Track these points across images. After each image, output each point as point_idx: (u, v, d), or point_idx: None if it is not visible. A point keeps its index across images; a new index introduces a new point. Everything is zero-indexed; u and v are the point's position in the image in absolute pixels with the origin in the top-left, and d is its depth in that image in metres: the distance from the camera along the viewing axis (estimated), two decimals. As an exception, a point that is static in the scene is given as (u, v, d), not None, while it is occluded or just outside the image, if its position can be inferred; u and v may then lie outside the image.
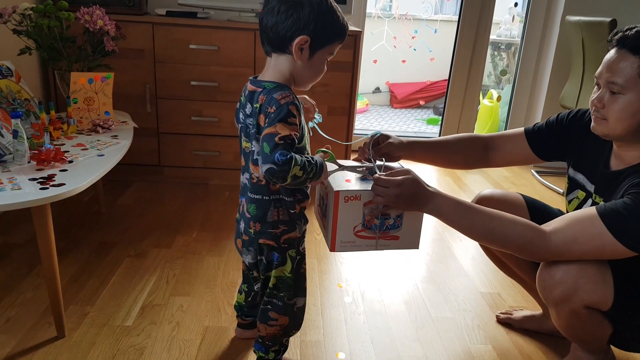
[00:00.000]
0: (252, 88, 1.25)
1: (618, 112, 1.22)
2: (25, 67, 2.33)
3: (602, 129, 1.28)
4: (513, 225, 1.26)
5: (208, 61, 2.67)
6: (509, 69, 4.58)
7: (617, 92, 1.21)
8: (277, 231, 1.30)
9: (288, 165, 1.14)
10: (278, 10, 1.17)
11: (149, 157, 2.81)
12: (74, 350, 1.51)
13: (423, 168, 3.43)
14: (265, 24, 1.21)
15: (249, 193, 1.31)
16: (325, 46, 1.23)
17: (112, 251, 2.08)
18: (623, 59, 1.19)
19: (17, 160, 1.59)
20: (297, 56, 1.20)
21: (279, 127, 1.15)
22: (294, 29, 1.18)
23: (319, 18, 1.18)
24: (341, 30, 1.24)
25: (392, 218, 1.33)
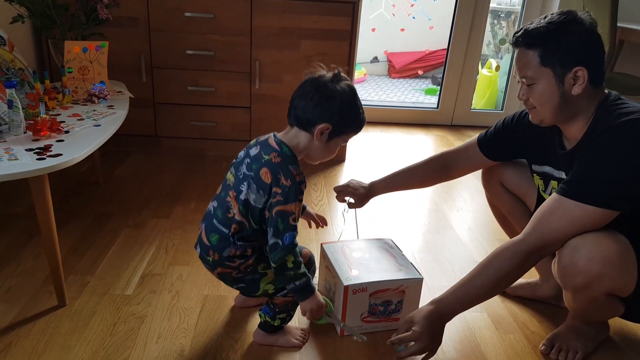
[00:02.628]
0: (272, 143, 1.34)
1: (539, 99, 1.33)
2: (18, 35, 2.29)
3: (535, 116, 1.39)
4: (497, 258, 1.33)
5: (204, 29, 2.63)
6: (508, 38, 4.53)
7: (532, 84, 1.33)
8: (234, 264, 1.36)
9: (290, 251, 1.28)
10: (311, 98, 1.29)
11: (146, 127, 2.80)
12: (75, 318, 1.53)
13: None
14: (296, 104, 1.33)
15: (216, 222, 1.37)
16: (343, 135, 1.36)
17: (111, 221, 2.09)
18: (524, 55, 1.32)
19: (12, 130, 1.58)
20: (317, 138, 1.32)
21: (294, 206, 1.28)
22: (320, 117, 1.30)
23: (344, 112, 1.31)
24: (360, 124, 1.37)
25: (394, 303, 1.53)
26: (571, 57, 1.27)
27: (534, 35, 1.29)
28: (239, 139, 2.86)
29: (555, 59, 1.28)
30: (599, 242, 1.26)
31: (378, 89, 5.23)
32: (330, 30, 2.68)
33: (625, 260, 1.27)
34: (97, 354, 1.40)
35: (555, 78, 1.29)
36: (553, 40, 1.28)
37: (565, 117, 1.35)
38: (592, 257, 1.25)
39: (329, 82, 1.30)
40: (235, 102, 2.79)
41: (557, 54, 1.27)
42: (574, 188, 1.27)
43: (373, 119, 3.70)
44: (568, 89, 1.30)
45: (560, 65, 1.28)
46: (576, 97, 1.30)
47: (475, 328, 1.60)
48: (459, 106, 3.71)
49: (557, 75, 1.29)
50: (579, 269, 1.27)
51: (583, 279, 1.28)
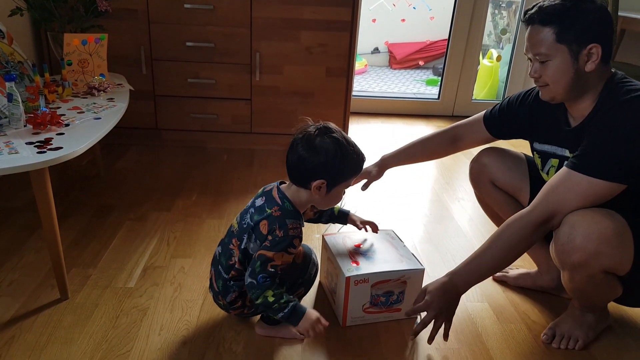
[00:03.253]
0: (275, 196, 1.38)
1: (552, 75, 1.35)
2: (17, 28, 2.28)
3: (547, 93, 1.40)
4: (506, 231, 1.36)
5: (203, 21, 2.62)
6: (509, 28, 4.50)
7: (545, 61, 1.35)
8: (238, 305, 1.43)
9: (264, 287, 1.31)
10: (299, 157, 1.32)
11: (146, 120, 2.79)
12: (78, 311, 1.53)
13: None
14: (289, 164, 1.36)
15: (220, 268, 1.43)
16: (341, 183, 1.37)
17: (112, 214, 2.09)
18: (538, 32, 1.33)
19: (13, 124, 1.58)
20: (316, 193, 1.35)
21: (277, 255, 1.31)
22: (312, 174, 1.33)
23: (334, 165, 1.32)
24: (355, 170, 1.39)
25: (395, 294, 1.54)
26: (586, 34, 1.29)
27: (549, 12, 1.31)
28: (239, 131, 2.85)
29: (571, 36, 1.30)
30: (596, 220, 1.27)
31: (379, 79, 5.21)
32: (330, 21, 2.66)
33: (621, 237, 1.28)
34: (100, 346, 1.40)
35: (570, 55, 1.31)
36: (569, 18, 1.29)
37: (577, 93, 1.36)
38: (589, 234, 1.26)
39: (314, 137, 1.32)
40: (236, 94, 2.78)
41: (573, 31, 1.29)
42: (582, 162, 1.30)
43: (374, 110, 3.69)
44: (582, 66, 1.32)
45: (575, 42, 1.30)
46: (588, 73, 1.33)
47: (476, 318, 1.61)
48: (460, 97, 3.69)
49: (572, 52, 1.31)
50: (576, 246, 1.28)
51: (580, 256, 1.28)
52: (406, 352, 1.46)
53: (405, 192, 2.48)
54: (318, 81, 2.77)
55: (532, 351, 1.48)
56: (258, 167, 2.65)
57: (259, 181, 2.48)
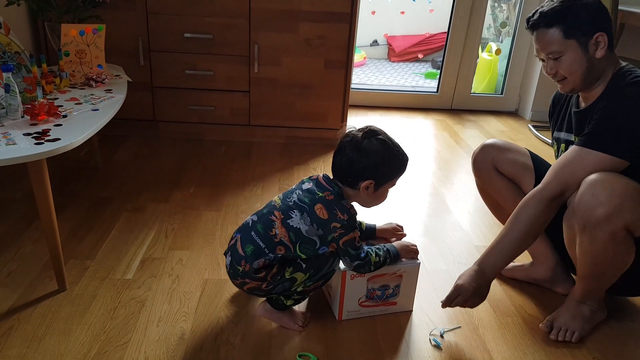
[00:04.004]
0: (322, 181, 1.43)
1: (568, 68, 1.46)
2: (14, 18, 2.26)
3: (567, 86, 1.51)
4: (522, 210, 1.46)
5: (202, 12, 2.61)
6: (509, 21, 4.49)
7: (559, 57, 1.46)
8: (261, 275, 1.40)
9: (368, 257, 1.43)
10: (349, 158, 1.39)
11: (144, 111, 2.78)
12: (76, 302, 1.54)
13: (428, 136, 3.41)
14: (337, 165, 1.42)
15: (254, 234, 1.41)
16: (389, 182, 1.44)
17: (110, 206, 2.09)
18: (545, 34, 1.46)
19: (10, 115, 1.57)
20: (364, 193, 1.42)
21: (355, 233, 1.40)
22: (361, 175, 1.39)
23: (382, 165, 1.39)
24: (402, 168, 1.45)
25: (391, 288, 1.54)
26: (590, 25, 1.43)
27: (551, 15, 1.44)
28: (237, 124, 2.85)
29: (577, 29, 1.42)
30: (616, 179, 1.35)
31: (378, 72, 5.20)
32: (329, 13, 2.65)
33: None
34: (98, 337, 1.41)
35: (580, 46, 1.44)
36: (571, 15, 1.42)
37: (592, 81, 1.48)
38: (613, 189, 1.33)
39: (361, 140, 1.39)
40: (234, 86, 2.77)
41: (578, 25, 1.42)
42: (591, 138, 1.41)
43: (372, 103, 3.69)
44: (592, 54, 1.44)
45: (582, 34, 1.43)
46: (599, 60, 1.45)
47: (473, 311, 1.62)
48: (459, 90, 3.69)
49: (581, 44, 1.43)
50: (600, 201, 1.33)
51: (605, 210, 1.32)
52: (402, 344, 1.47)
53: (404, 186, 2.49)
54: (317, 73, 2.76)
55: (528, 343, 1.50)
56: (256, 160, 2.65)
57: (257, 173, 2.48)
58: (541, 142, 3.19)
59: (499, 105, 3.78)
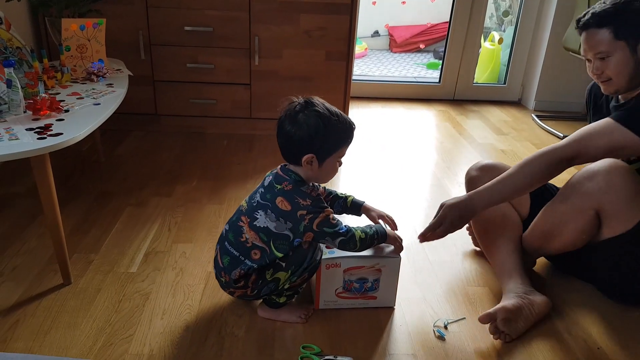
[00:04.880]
0: (280, 172, 1.41)
1: (615, 69, 1.50)
2: (14, 14, 2.26)
3: (611, 87, 1.55)
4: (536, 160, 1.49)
5: (202, 5, 2.60)
6: (511, 10, 4.46)
7: (606, 57, 1.50)
8: (241, 284, 1.42)
9: (352, 231, 1.39)
10: (285, 134, 1.36)
11: (145, 105, 2.78)
12: (81, 296, 1.55)
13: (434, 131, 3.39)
14: (279, 142, 1.39)
15: (227, 244, 1.43)
16: (332, 154, 1.38)
17: (113, 200, 2.10)
18: (595, 34, 1.50)
19: (12, 110, 1.57)
20: (307, 169, 1.37)
21: (327, 211, 1.37)
22: (300, 149, 1.35)
23: (319, 137, 1.33)
24: (345, 139, 1.39)
25: (370, 281, 1.52)
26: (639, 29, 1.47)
27: (603, 16, 1.48)
28: (239, 116, 2.85)
29: (627, 32, 1.46)
30: (629, 174, 1.46)
31: (379, 63, 5.18)
32: (330, 4, 2.64)
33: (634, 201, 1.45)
34: (103, 330, 1.42)
35: (629, 48, 1.47)
36: (623, 17, 1.46)
37: (636, 83, 1.52)
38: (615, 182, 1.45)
39: (297, 113, 1.35)
40: (235, 79, 2.76)
41: (629, 28, 1.46)
42: (623, 114, 1.46)
43: (374, 95, 3.68)
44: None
45: (632, 36, 1.46)
46: None
47: (477, 301, 1.62)
48: (461, 80, 3.68)
49: (630, 45, 1.47)
50: (595, 175, 1.47)
51: (594, 185, 1.46)
52: (405, 336, 1.47)
53: (406, 177, 2.48)
54: (318, 65, 2.75)
55: (533, 334, 1.50)
56: (257, 152, 2.65)
57: (258, 166, 2.48)
58: (545, 132, 3.18)
59: (502, 95, 3.77)
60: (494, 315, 1.46)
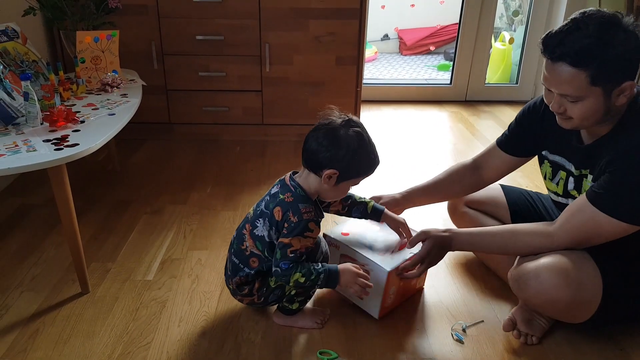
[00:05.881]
0: (288, 182, 1.40)
1: (582, 114, 1.27)
2: (30, 28, 2.30)
3: (571, 124, 1.33)
4: (523, 238, 1.40)
5: (212, 14, 2.62)
6: (521, 9, 4.43)
7: (575, 101, 1.26)
8: (245, 292, 1.44)
9: (289, 272, 1.33)
10: (320, 143, 1.32)
11: (159, 114, 2.81)
12: (99, 304, 1.56)
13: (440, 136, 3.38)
14: (307, 147, 1.36)
15: (232, 252, 1.45)
16: (351, 179, 1.37)
17: (129, 209, 2.12)
18: (567, 73, 1.22)
19: (29, 122, 1.60)
20: (325, 182, 1.35)
21: (294, 240, 1.33)
22: (327, 162, 1.32)
23: (350, 159, 1.32)
24: (368, 170, 1.38)
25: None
26: (622, 73, 1.22)
27: (582, 54, 1.19)
28: (251, 123, 2.86)
29: (606, 77, 1.21)
30: (560, 282, 1.30)
31: (389, 66, 5.18)
32: (339, 9, 2.65)
33: (575, 305, 1.33)
34: (121, 338, 1.43)
35: (603, 94, 1.23)
36: (605, 59, 1.19)
37: (602, 122, 1.31)
38: (542, 291, 1.32)
39: (339, 128, 1.33)
40: (247, 86, 2.78)
41: (609, 73, 1.21)
42: (604, 199, 1.28)
43: (385, 98, 3.67)
44: (614, 101, 1.25)
45: (610, 82, 1.22)
46: (617, 106, 1.27)
47: (494, 304, 1.60)
48: (473, 81, 3.66)
49: (605, 91, 1.23)
50: (529, 291, 1.35)
51: (533, 301, 1.38)
52: (423, 339, 1.47)
53: (419, 179, 2.47)
54: (328, 70, 2.76)
55: (553, 338, 1.48)
56: (270, 158, 2.66)
57: (271, 172, 2.49)
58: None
59: (514, 94, 3.74)
60: (514, 319, 1.46)
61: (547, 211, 1.68)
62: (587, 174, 1.39)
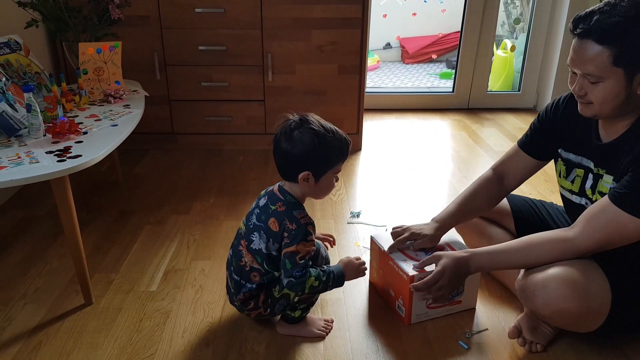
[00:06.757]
0: (276, 192, 1.40)
1: (602, 97, 1.25)
2: (33, 40, 2.32)
3: (590, 111, 1.31)
4: (543, 247, 1.36)
5: (215, 24, 2.64)
6: (523, 17, 4.44)
7: (597, 82, 1.24)
8: (251, 306, 1.44)
9: (304, 278, 1.34)
10: (281, 152, 1.34)
11: (162, 125, 2.82)
12: (102, 316, 1.56)
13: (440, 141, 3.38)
14: (275, 160, 1.38)
15: (232, 270, 1.45)
16: (328, 171, 1.36)
17: (132, 219, 2.12)
18: (591, 49, 1.21)
19: (32, 134, 1.61)
20: (304, 186, 1.36)
21: (300, 247, 1.33)
22: (296, 166, 1.33)
23: (313, 155, 1.32)
24: (340, 156, 1.36)
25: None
26: None
27: (609, 31, 1.18)
28: (254, 132, 2.87)
29: (630, 59, 1.19)
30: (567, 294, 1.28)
31: (392, 75, 5.19)
32: (340, 19, 2.66)
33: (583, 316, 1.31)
34: (125, 350, 1.42)
35: (625, 78, 1.21)
36: (630, 39, 1.17)
37: (621, 113, 1.29)
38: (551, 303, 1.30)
39: (292, 130, 1.33)
40: (249, 96, 2.79)
41: (633, 54, 1.19)
42: (628, 199, 1.24)
43: (388, 106, 3.68)
44: (635, 88, 1.22)
45: (633, 65, 1.20)
46: (638, 96, 1.24)
47: (499, 311, 1.59)
48: (475, 89, 3.66)
49: (628, 75, 1.21)
50: (537, 303, 1.33)
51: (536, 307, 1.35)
52: (427, 347, 1.45)
53: (423, 188, 2.47)
54: (331, 79, 2.77)
55: (557, 345, 1.47)
56: (273, 168, 2.63)
57: (274, 181, 2.45)
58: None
59: (517, 102, 3.74)
60: (519, 327, 1.44)
61: (552, 218, 1.67)
62: (604, 174, 1.37)
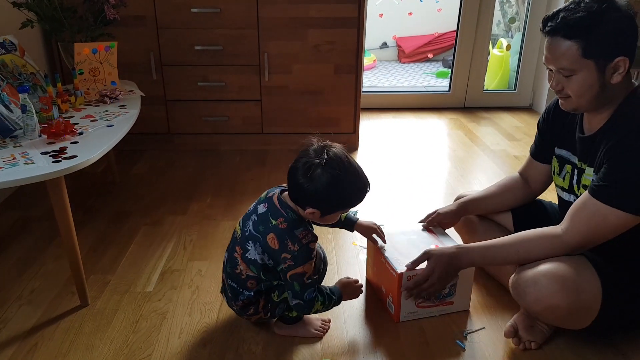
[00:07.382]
0: (277, 205, 1.35)
1: (577, 89, 1.31)
2: (28, 40, 2.31)
3: (570, 105, 1.37)
4: (533, 243, 1.38)
5: (211, 24, 2.63)
6: (518, 16, 4.45)
7: (570, 75, 1.30)
8: (250, 312, 1.42)
9: (313, 302, 1.36)
10: (297, 181, 1.29)
11: (158, 125, 2.81)
12: (98, 317, 1.55)
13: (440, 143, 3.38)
14: (289, 181, 1.32)
15: (227, 275, 1.44)
16: (334, 212, 1.35)
17: (129, 220, 2.11)
18: (560, 45, 1.28)
19: (27, 134, 1.60)
20: (310, 217, 1.33)
21: (306, 267, 1.32)
22: (306, 201, 1.30)
23: (328, 199, 1.29)
24: (354, 201, 1.33)
25: (447, 287, 1.53)
26: (614, 48, 1.25)
27: (574, 26, 1.24)
28: (251, 132, 2.86)
29: (598, 50, 1.25)
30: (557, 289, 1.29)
31: (388, 74, 5.19)
32: (337, 18, 2.66)
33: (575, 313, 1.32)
34: (121, 351, 1.42)
35: (596, 69, 1.26)
36: (596, 32, 1.23)
37: (600, 104, 1.33)
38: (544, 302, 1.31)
39: (315, 167, 1.26)
40: (246, 96, 2.78)
41: (600, 45, 1.24)
42: (606, 191, 1.27)
43: (384, 106, 3.68)
44: (608, 78, 1.28)
45: (602, 56, 1.25)
46: (613, 85, 1.29)
47: (497, 312, 1.59)
48: (471, 88, 3.66)
49: (598, 66, 1.26)
50: (528, 299, 1.34)
51: (534, 309, 1.35)
52: (425, 346, 1.45)
53: (420, 186, 2.47)
54: (327, 79, 2.77)
55: (554, 343, 1.47)
56: (270, 167, 2.66)
57: (271, 181, 2.48)
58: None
59: (513, 101, 3.74)
60: (516, 326, 1.45)
61: (550, 217, 1.67)
62: (585, 168, 1.40)
